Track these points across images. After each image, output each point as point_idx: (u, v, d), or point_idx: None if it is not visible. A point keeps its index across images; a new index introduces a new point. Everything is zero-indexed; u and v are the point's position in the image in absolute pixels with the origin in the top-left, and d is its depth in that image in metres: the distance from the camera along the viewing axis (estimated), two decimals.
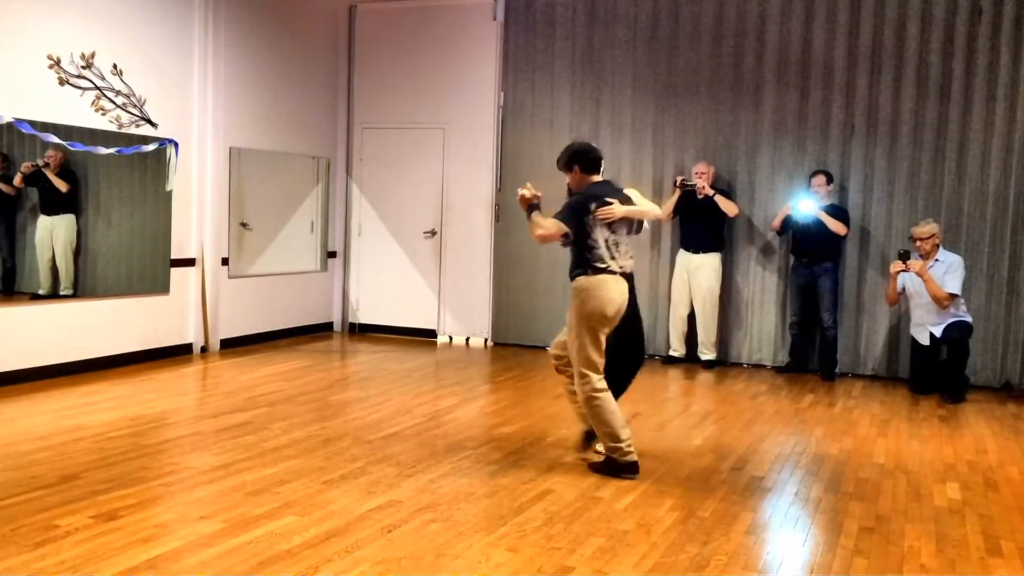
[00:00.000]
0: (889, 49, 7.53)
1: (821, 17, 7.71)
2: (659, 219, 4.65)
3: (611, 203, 4.71)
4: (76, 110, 6.56)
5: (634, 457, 4.60)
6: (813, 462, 5.00)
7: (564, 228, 4.71)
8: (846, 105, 7.68)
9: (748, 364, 8.08)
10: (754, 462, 4.94)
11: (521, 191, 4.90)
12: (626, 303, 4.74)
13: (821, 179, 7.50)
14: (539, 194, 4.87)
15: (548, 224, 4.75)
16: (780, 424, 5.92)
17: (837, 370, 7.63)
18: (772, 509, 4.21)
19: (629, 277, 4.79)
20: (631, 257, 4.82)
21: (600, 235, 4.70)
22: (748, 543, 3.72)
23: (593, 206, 4.69)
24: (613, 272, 4.70)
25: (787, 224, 7.63)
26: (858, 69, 7.63)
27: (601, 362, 4.67)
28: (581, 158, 4.88)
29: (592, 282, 4.67)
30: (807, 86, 7.79)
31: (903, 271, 6.89)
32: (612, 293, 4.66)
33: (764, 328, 8.04)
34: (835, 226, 7.37)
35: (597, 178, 4.90)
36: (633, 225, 4.85)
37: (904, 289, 7.03)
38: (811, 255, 7.53)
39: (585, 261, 4.72)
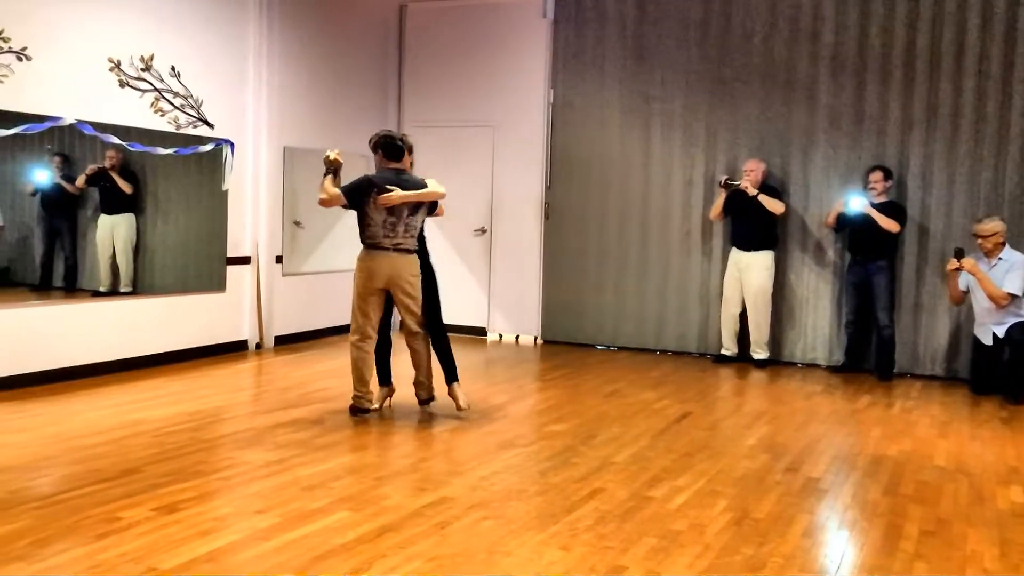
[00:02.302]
0: (948, 41, 7.35)
1: (879, 10, 7.56)
2: (440, 196, 5.59)
3: (391, 190, 5.30)
4: (136, 111, 6.71)
5: (367, 405, 5.55)
6: (871, 464, 4.90)
7: (342, 200, 5.32)
8: (904, 99, 7.52)
9: (802, 363, 7.95)
10: (810, 463, 4.86)
11: (329, 153, 5.37)
12: (399, 276, 5.41)
13: (878, 175, 7.36)
14: (341, 161, 5.40)
15: (331, 192, 5.33)
16: (836, 425, 5.82)
17: (895, 370, 7.48)
18: (829, 511, 4.14)
19: (408, 252, 5.45)
20: (412, 236, 5.46)
21: (378, 216, 5.34)
22: (805, 545, 3.66)
23: (375, 191, 5.30)
24: (385, 248, 5.37)
25: (842, 221, 7.50)
26: (917, 62, 7.46)
27: (367, 323, 5.48)
28: (384, 144, 5.50)
29: (362, 256, 5.44)
30: (863, 80, 7.64)
31: (958, 269, 6.73)
32: (377, 266, 5.39)
33: (818, 327, 7.91)
34: (887, 223, 7.23)
35: (396, 165, 5.48)
36: (422, 207, 5.48)
37: (969, 288, 6.86)
38: (865, 253, 7.40)
39: (363, 237, 5.43)
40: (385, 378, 5.83)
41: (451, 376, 5.72)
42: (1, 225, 6.68)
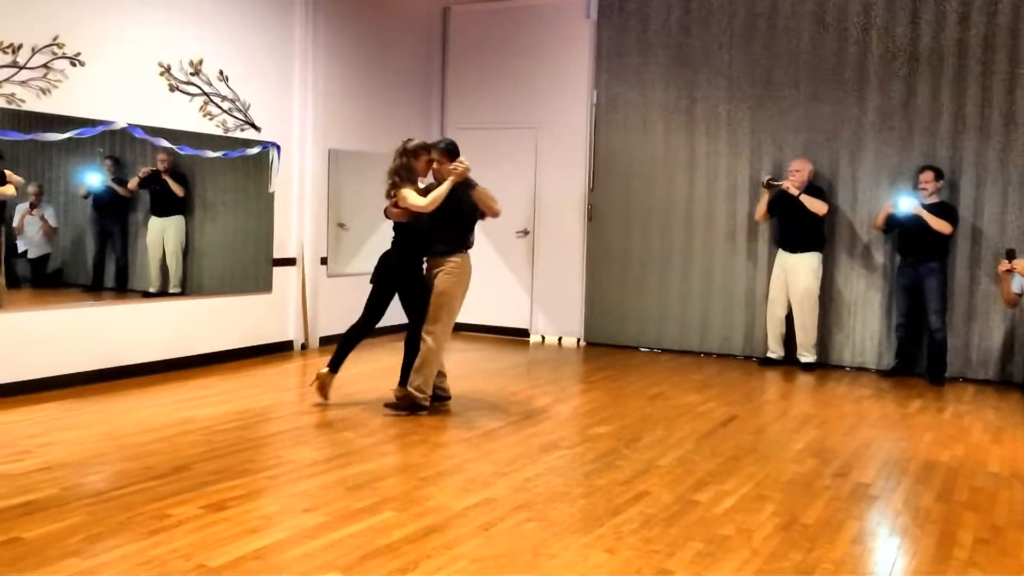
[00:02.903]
0: (1003, 37, 7.18)
1: (930, 5, 7.41)
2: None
3: None
4: (185, 115, 6.82)
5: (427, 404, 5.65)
6: (922, 469, 4.81)
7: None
8: (956, 97, 7.36)
9: (850, 367, 7.82)
10: (859, 468, 4.78)
11: (465, 163, 5.58)
12: None
13: (929, 175, 7.21)
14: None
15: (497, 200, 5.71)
16: (886, 429, 5.72)
17: (947, 374, 7.32)
18: (880, 517, 4.07)
19: None
20: None
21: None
22: (855, 552, 3.60)
23: None
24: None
25: (891, 222, 7.37)
26: (969, 59, 7.30)
27: (453, 322, 5.75)
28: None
29: (464, 260, 5.68)
30: (914, 78, 7.49)
31: (1010, 271, 6.57)
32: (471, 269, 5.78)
33: (868, 330, 7.77)
34: (938, 225, 7.08)
35: None
36: None
37: (1022, 290, 6.70)
38: (916, 254, 7.26)
39: (464, 242, 5.68)
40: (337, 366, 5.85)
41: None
42: (55, 227, 6.84)
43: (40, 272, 6.88)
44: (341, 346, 5.86)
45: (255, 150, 7.39)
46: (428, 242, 5.66)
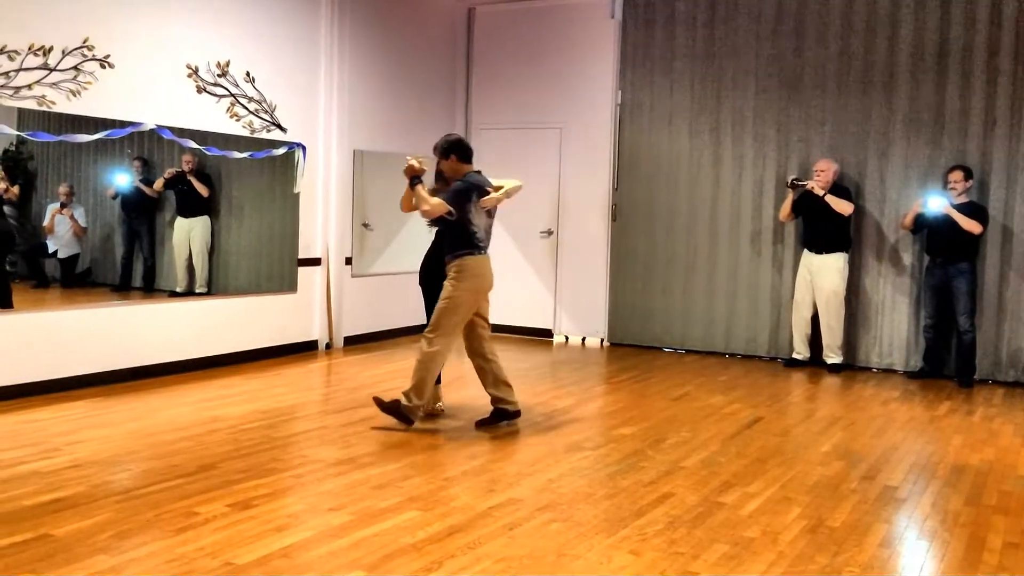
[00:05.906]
0: None
1: (960, 3, 7.32)
2: (519, 188, 5.64)
3: (489, 192, 5.32)
4: (212, 116, 6.88)
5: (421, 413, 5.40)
6: (951, 473, 4.75)
7: (447, 208, 5.16)
8: (986, 97, 7.27)
9: (878, 369, 7.74)
10: (887, 471, 4.73)
11: (411, 161, 5.23)
12: (492, 280, 5.45)
13: (958, 175, 7.13)
14: (424, 168, 5.26)
15: (434, 203, 5.17)
16: (914, 432, 5.65)
17: (975, 376, 7.23)
18: (907, 521, 4.02)
19: None
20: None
21: (480, 221, 5.31)
22: (882, 555, 3.56)
23: (475, 195, 5.25)
24: (486, 253, 5.38)
25: (920, 222, 7.29)
26: (1000, 58, 7.20)
27: (458, 333, 5.37)
28: (459, 148, 5.36)
29: (477, 261, 5.30)
30: (944, 77, 7.41)
31: None
32: (488, 272, 5.38)
33: (896, 331, 7.69)
34: (968, 224, 6.99)
35: (470, 168, 5.39)
36: (494, 211, 5.52)
37: None
38: (945, 255, 7.17)
39: (468, 243, 5.27)
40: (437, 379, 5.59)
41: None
42: (84, 227, 6.93)
43: (69, 272, 6.97)
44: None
45: (281, 151, 7.44)
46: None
